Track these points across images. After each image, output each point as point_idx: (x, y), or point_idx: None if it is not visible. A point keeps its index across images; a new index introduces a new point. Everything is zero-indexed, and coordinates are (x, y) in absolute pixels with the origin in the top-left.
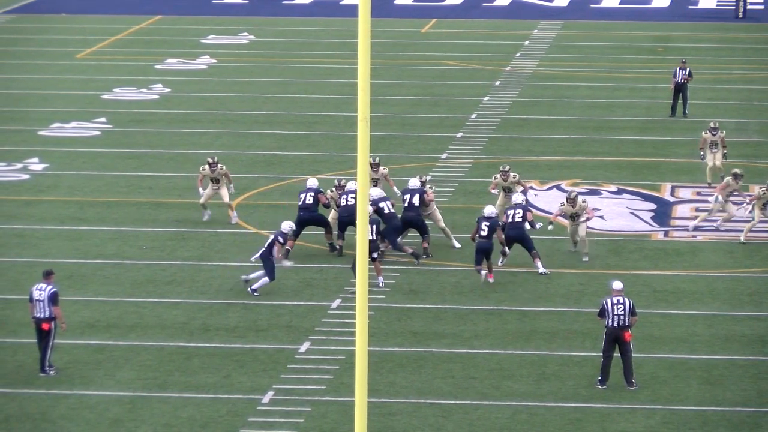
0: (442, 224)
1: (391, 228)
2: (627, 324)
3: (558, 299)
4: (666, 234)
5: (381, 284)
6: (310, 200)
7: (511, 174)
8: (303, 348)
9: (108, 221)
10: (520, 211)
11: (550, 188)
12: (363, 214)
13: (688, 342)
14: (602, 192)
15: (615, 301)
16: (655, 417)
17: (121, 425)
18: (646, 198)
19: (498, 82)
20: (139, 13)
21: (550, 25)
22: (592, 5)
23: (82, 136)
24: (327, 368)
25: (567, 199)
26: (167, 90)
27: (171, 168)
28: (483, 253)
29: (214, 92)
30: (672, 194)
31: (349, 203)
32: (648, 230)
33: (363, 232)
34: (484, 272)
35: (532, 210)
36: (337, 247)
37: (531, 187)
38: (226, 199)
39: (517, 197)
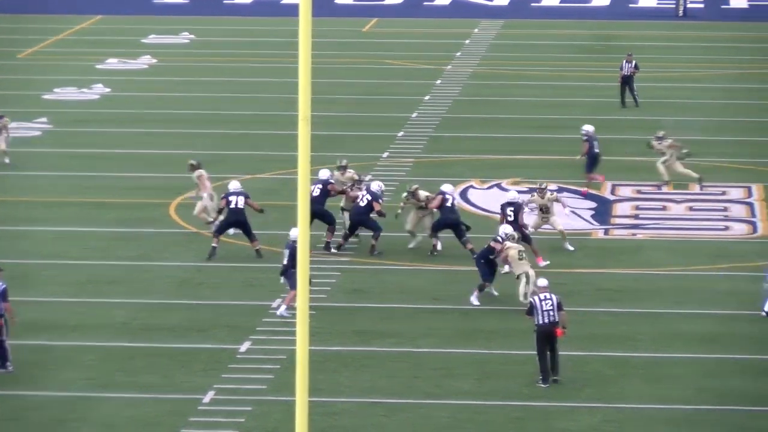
0: (409, 226)
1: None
2: (556, 320)
3: (500, 298)
4: (606, 232)
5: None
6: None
7: (548, 191)
8: (244, 347)
9: (50, 221)
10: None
11: (491, 187)
12: (304, 213)
13: (631, 340)
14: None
15: (543, 298)
16: (598, 415)
17: (64, 425)
18: (587, 196)
19: (439, 81)
20: (80, 13)
21: (491, 24)
22: (532, 4)
23: (24, 136)
24: (268, 368)
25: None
26: (108, 90)
27: (113, 168)
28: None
29: (156, 92)
30: (612, 193)
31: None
32: (588, 228)
33: (304, 231)
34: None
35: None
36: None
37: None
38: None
39: (556, 218)
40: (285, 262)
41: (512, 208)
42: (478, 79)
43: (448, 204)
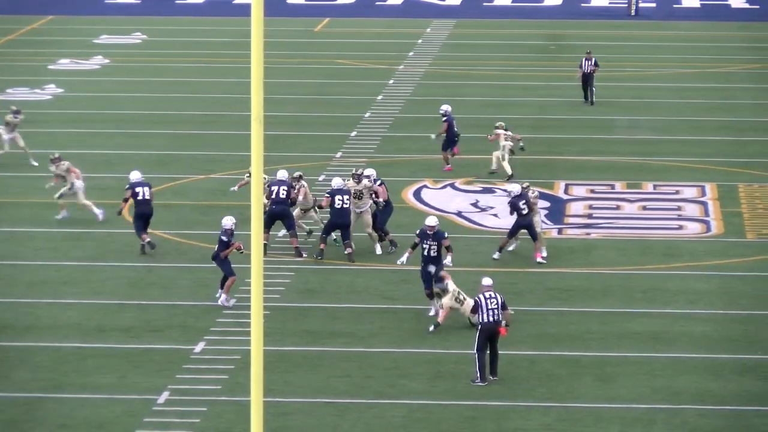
0: (369, 229)
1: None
2: (500, 319)
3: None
4: (560, 232)
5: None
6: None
7: (531, 191)
8: (198, 348)
9: (2, 222)
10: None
11: (444, 187)
12: (258, 214)
13: (582, 339)
14: (496, 190)
15: (488, 296)
16: (550, 414)
17: (17, 426)
18: (540, 196)
19: (391, 81)
20: (32, 13)
21: (443, 23)
22: (484, 4)
23: None
24: (223, 368)
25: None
26: (60, 90)
27: None
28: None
29: (108, 92)
30: (566, 192)
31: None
32: (542, 228)
33: (258, 233)
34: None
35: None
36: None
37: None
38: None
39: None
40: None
41: (524, 201)
42: (431, 79)
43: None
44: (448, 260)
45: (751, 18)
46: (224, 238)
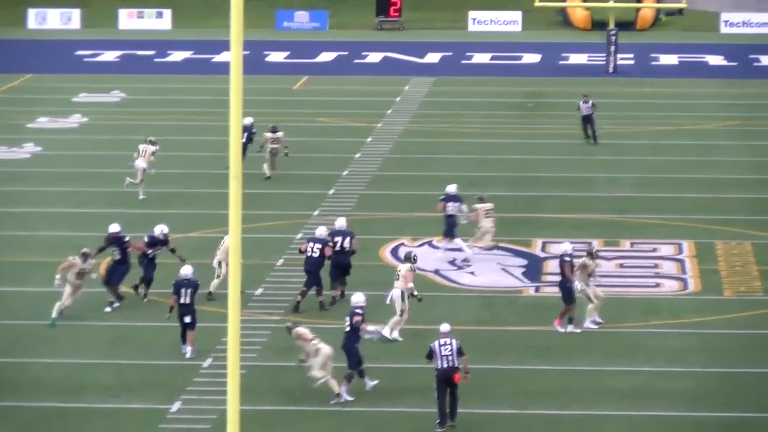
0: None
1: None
2: (456, 365)
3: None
4: (537, 290)
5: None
6: (317, 253)
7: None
8: (175, 407)
9: None
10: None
11: (422, 244)
12: (235, 269)
13: (562, 397)
14: (475, 248)
15: (442, 343)
16: None
17: None
18: (518, 254)
19: (370, 139)
20: (11, 71)
21: (421, 81)
22: (463, 61)
23: None
24: (199, 428)
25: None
26: (39, 149)
27: (45, 227)
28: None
29: (87, 150)
30: (543, 250)
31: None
32: (519, 286)
33: (235, 288)
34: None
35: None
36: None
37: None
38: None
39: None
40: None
41: (569, 258)
42: (409, 137)
43: (307, 252)
44: (372, 328)
45: (729, 75)
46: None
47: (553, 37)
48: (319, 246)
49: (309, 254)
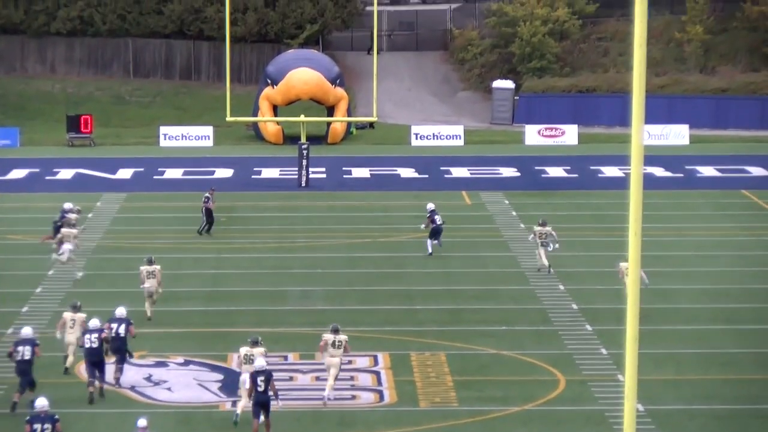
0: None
1: None
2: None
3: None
4: (234, 404)
5: None
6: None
7: None
8: None
9: None
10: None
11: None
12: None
13: None
14: (169, 364)
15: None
16: None
17: None
18: (214, 368)
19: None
20: None
21: (114, 197)
22: (155, 176)
23: None
24: None
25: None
26: None
27: None
28: None
29: None
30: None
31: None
32: (216, 401)
33: None
34: None
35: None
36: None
37: None
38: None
39: None
40: None
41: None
42: (102, 253)
43: (86, 345)
44: None
45: (420, 188)
46: None
47: (245, 152)
48: (96, 335)
49: (88, 346)
